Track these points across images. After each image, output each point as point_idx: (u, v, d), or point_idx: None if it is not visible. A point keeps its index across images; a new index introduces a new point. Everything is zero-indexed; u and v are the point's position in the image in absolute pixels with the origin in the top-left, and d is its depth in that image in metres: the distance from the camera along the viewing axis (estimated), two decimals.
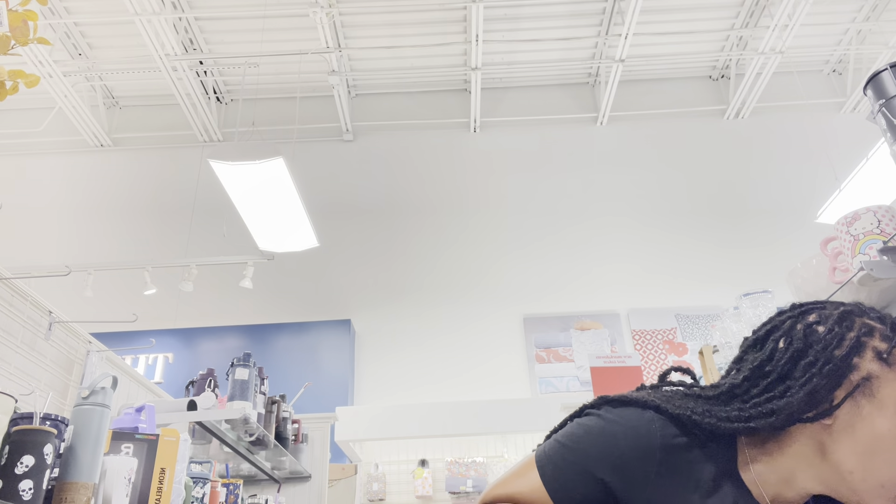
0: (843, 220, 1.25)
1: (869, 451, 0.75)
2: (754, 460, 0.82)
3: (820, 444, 0.79)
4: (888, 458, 0.75)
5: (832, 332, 0.79)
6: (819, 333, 0.80)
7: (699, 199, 6.11)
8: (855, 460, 0.76)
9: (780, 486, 0.81)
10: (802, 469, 0.80)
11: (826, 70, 6.66)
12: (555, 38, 6.02)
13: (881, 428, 0.75)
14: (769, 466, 0.81)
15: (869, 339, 0.79)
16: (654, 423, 0.82)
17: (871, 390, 0.77)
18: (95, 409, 1.40)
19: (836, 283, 1.25)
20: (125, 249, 5.90)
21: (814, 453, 0.79)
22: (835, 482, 0.78)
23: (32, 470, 1.18)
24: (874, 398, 0.76)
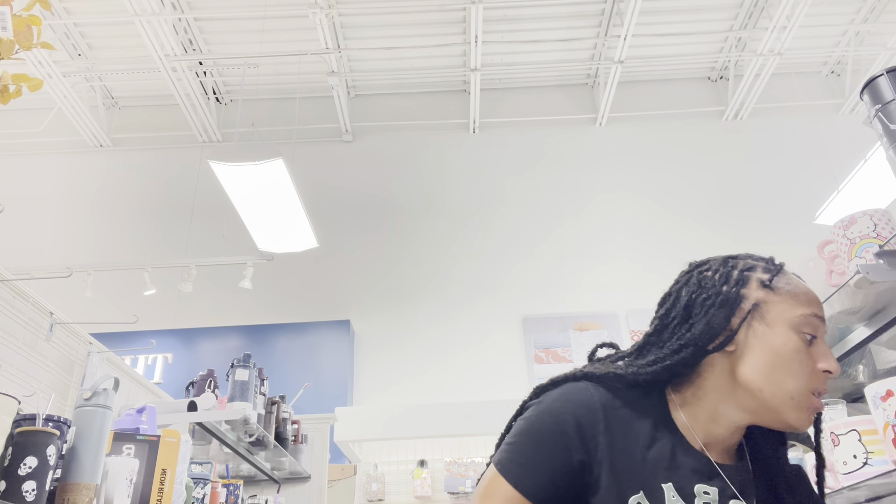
0: (839, 224, 1.26)
1: (770, 366, 0.86)
2: (682, 405, 0.91)
3: (730, 372, 0.88)
4: (788, 370, 0.85)
5: (719, 272, 0.92)
6: (709, 276, 0.93)
7: (698, 200, 6.12)
8: (761, 378, 0.86)
9: (709, 425, 0.89)
10: (723, 401, 0.89)
11: (824, 71, 6.67)
12: (554, 39, 6.03)
13: (775, 344, 0.86)
14: (695, 408, 0.90)
15: (752, 272, 0.92)
16: (589, 389, 0.89)
17: (761, 314, 0.88)
18: (97, 411, 1.41)
19: (832, 286, 1.26)
20: (125, 250, 5.91)
21: (727, 383, 0.88)
22: (752, 405, 0.87)
23: (36, 471, 1.18)
24: (765, 320, 0.88)
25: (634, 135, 6.45)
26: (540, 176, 6.26)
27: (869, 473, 1.20)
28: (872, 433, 1.21)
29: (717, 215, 6.04)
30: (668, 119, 6.50)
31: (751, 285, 0.91)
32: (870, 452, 1.21)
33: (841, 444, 1.25)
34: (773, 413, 0.86)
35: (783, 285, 0.90)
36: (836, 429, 1.26)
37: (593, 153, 6.40)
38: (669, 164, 6.29)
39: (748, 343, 0.88)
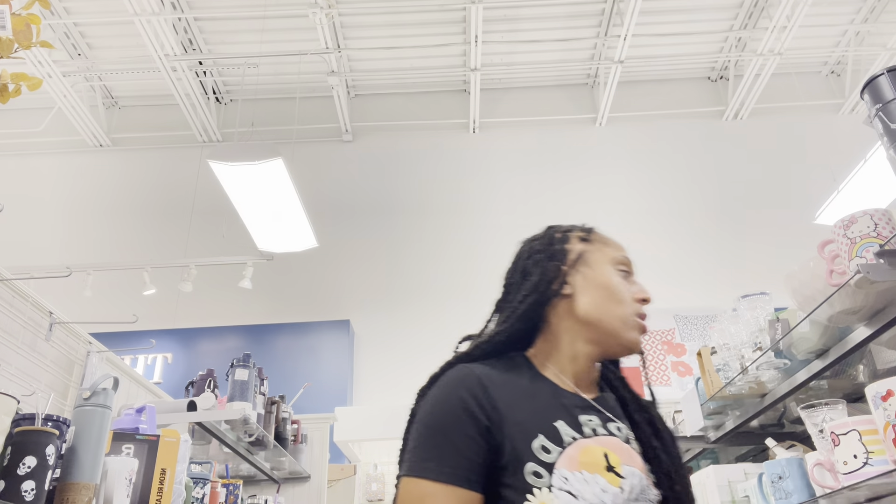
0: (839, 224, 1.26)
1: (601, 299, 1.02)
2: (545, 359, 1.04)
3: (572, 313, 1.03)
4: (615, 299, 1.02)
5: (545, 236, 1.13)
6: (538, 241, 1.13)
7: (698, 199, 6.12)
8: (596, 310, 1.02)
9: (570, 365, 1.02)
10: (574, 340, 1.03)
11: (824, 71, 6.67)
12: (554, 39, 6.03)
13: (602, 280, 1.04)
14: (555, 355, 1.03)
15: (571, 233, 1.12)
16: (464, 368, 0.98)
17: (585, 260, 1.07)
18: (97, 410, 1.40)
19: (833, 285, 1.26)
20: (124, 250, 5.90)
21: (573, 323, 1.03)
22: (595, 335, 1.02)
23: (35, 471, 1.18)
24: (589, 264, 1.06)
25: (634, 135, 6.45)
26: (540, 176, 6.26)
27: (869, 473, 1.20)
28: (873, 433, 1.21)
29: (717, 215, 6.03)
30: (668, 119, 6.50)
31: (572, 241, 1.10)
32: (870, 452, 1.21)
33: (841, 444, 1.25)
34: (612, 337, 1.01)
35: (596, 237, 1.12)
36: (837, 428, 1.26)
37: (593, 153, 6.39)
38: (669, 164, 6.29)
39: (580, 285, 1.04)
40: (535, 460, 0.89)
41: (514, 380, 0.98)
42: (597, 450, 0.92)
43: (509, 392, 0.95)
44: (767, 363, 1.62)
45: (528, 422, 0.92)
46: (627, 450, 0.95)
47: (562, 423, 0.93)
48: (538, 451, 0.90)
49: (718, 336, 1.85)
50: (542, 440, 0.91)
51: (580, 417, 0.95)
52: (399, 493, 0.92)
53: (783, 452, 1.64)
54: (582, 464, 0.89)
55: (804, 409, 1.41)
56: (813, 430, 1.39)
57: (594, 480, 0.88)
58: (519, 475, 0.88)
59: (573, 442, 0.92)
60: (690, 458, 2.48)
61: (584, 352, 1.03)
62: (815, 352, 1.51)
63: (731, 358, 1.80)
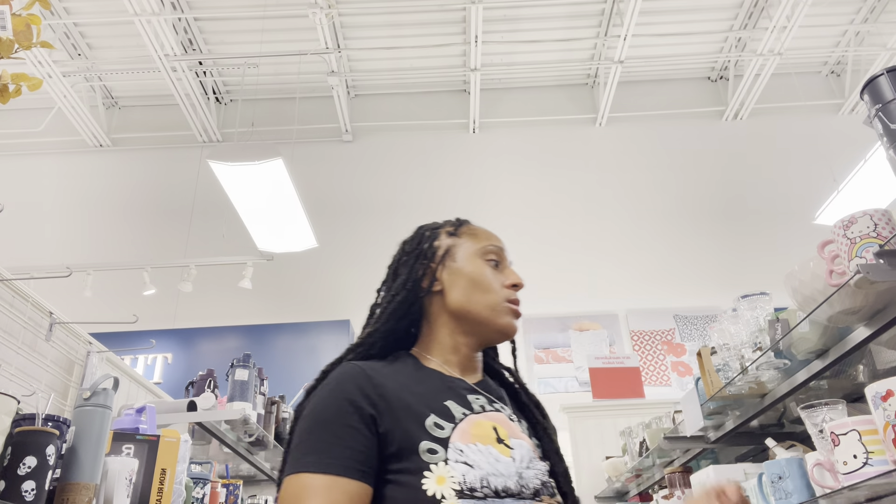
0: (839, 224, 1.26)
1: (469, 290, 1.06)
2: (428, 353, 1.07)
3: (445, 307, 1.07)
4: (482, 289, 1.06)
5: (414, 237, 1.15)
6: (409, 243, 1.15)
7: (698, 200, 6.12)
8: (466, 301, 1.06)
9: (452, 356, 1.06)
10: (451, 332, 1.07)
11: (824, 72, 6.67)
12: (554, 39, 6.03)
13: (468, 272, 1.07)
14: (437, 348, 1.06)
15: (440, 230, 1.14)
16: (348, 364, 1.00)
17: (452, 256, 1.10)
18: (97, 410, 1.41)
19: (832, 285, 1.26)
20: (124, 250, 5.90)
21: (448, 317, 1.07)
22: (469, 326, 1.06)
23: (35, 471, 1.18)
24: (456, 259, 1.09)
25: (634, 135, 6.45)
26: (539, 176, 6.26)
27: (869, 473, 1.20)
28: (873, 433, 1.21)
29: (717, 215, 6.04)
30: (667, 119, 6.50)
31: (441, 238, 1.13)
32: (870, 452, 1.21)
33: (841, 444, 1.25)
34: (486, 325, 1.05)
35: (464, 231, 1.14)
36: (837, 428, 1.26)
37: (593, 153, 6.39)
38: (669, 164, 6.29)
39: (449, 280, 1.08)
40: (429, 438, 0.90)
41: (401, 370, 1.01)
42: (486, 424, 0.95)
43: (396, 381, 0.97)
44: (767, 363, 1.62)
45: (417, 404, 0.94)
46: (513, 425, 0.99)
47: (451, 402, 0.96)
48: (431, 429, 0.91)
49: (718, 336, 1.85)
50: (434, 418, 0.92)
51: (468, 397, 0.99)
52: (280, 495, 0.89)
53: (783, 452, 1.64)
54: (474, 436, 0.92)
55: (804, 409, 1.41)
56: (813, 430, 1.39)
57: (487, 451, 0.91)
58: (413, 456, 0.88)
59: (464, 417, 0.95)
60: (690, 458, 2.48)
61: (463, 342, 1.06)
62: (815, 352, 1.51)
63: (731, 358, 1.80)
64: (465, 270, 1.08)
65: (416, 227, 1.19)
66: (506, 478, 0.90)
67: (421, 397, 0.95)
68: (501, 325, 1.06)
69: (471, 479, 0.87)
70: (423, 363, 1.05)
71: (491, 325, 1.06)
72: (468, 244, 1.11)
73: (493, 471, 0.89)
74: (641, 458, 2.81)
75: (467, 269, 1.08)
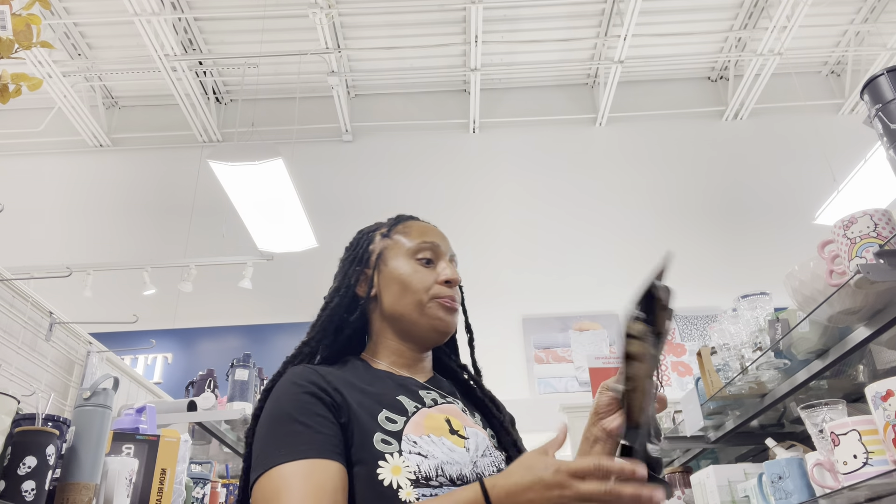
0: (839, 224, 1.26)
1: (399, 293, 1.05)
2: (375, 356, 1.07)
3: (382, 312, 1.07)
4: (410, 290, 1.04)
5: (352, 242, 1.14)
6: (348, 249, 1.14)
7: (698, 200, 6.12)
8: (397, 304, 1.05)
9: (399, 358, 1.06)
10: (392, 336, 1.07)
11: (824, 71, 6.67)
12: (554, 39, 6.03)
13: (397, 274, 1.06)
14: (382, 351, 1.07)
15: (376, 232, 1.13)
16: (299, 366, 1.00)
17: (384, 259, 1.09)
18: (97, 410, 1.41)
19: (833, 285, 1.26)
20: (124, 250, 5.90)
21: (384, 321, 1.07)
22: (404, 327, 1.06)
23: (35, 471, 1.18)
24: (388, 262, 1.08)
25: (634, 135, 6.45)
26: (540, 176, 6.26)
27: (869, 473, 1.20)
28: (873, 433, 1.21)
29: (717, 215, 6.04)
30: (667, 119, 6.50)
31: (375, 241, 1.12)
32: (870, 452, 1.21)
33: (841, 444, 1.25)
34: (419, 326, 1.04)
35: (398, 230, 1.12)
36: (837, 428, 1.26)
37: (593, 153, 6.39)
38: (669, 164, 6.29)
39: (382, 284, 1.08)
40: (382, 430, 0.91)
41: (350, 371, 1.02)
42: (439, 416, 0.96)
43: (346, 380, 0.97)
44: (767, 363, 1.62)
45: (369, 401, 0.94)
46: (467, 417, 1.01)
47: (403, 397, 0.97)
48: (384, 423, 0.92)
49: (718, 336, 1.85)
50: (386, 413, 0.93)
51: (420, 392, 1.00)
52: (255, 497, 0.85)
53: (783, 452, 1.64)
54: (427, 428, 0.93)
55: (804, 409, 1.41)
56: (813, 430, 1.39)
57: (441, 442, 0.92)
58: (368, 447, 0.89)
59: (416, 411, 0.96)
60: (690, 458, 2.48)
61: (405, 345, 1.07)
62: (815, 352, 1.51)
63: (731, 358, 1.80)
64: (394, 273, 1.07)
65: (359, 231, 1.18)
66: (461, 465, 0.91)
67: (372, 395, 0.96)
68: (431, 324, 1.04)
69: (426, 468, 0.88)
70: (372, 366, 1.05)
71: (421, 325, 1.04)
72: (400, 244, 1.09)
73: (447, 460, 0.90)
74: None
75: (396, 272, 1.07)
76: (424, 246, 1.09)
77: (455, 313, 1.07)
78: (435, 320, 1.04)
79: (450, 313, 1.06)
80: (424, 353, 1.10)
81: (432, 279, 1.06)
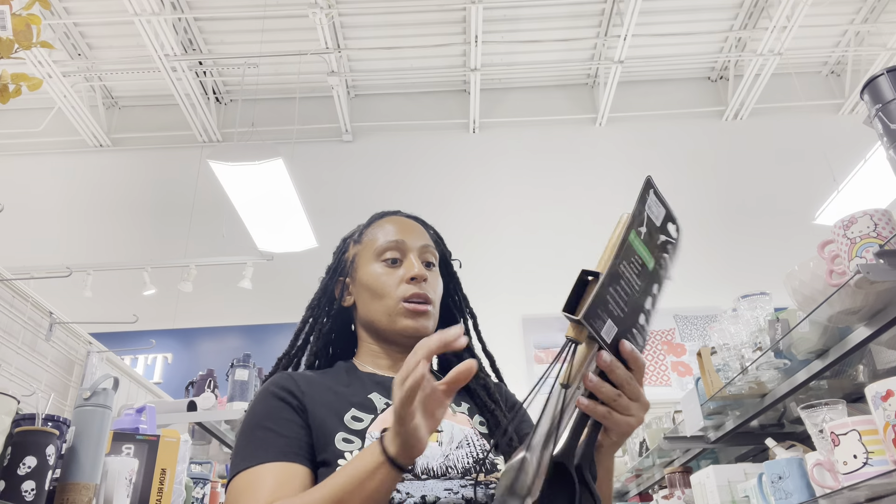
0: (839, 224, 1.26)
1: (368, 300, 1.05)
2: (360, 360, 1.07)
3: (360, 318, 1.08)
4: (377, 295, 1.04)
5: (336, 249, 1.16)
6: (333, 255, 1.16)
7: (697, 200, 6.11)
8: (368, 311, 1.05)
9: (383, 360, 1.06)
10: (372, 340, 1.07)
11: (824, 72, 6.67)
12: (554, 39, 6.03)
13: (364, 280, 1.06)
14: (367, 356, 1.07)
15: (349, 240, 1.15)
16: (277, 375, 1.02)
17: (356, 266, 1.09)
18: (97, 410, 1.40)
19: (833, 285, 1.26)
20: (124, 250, 5.90)
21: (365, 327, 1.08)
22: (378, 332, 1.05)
23: (35, 471, 1.18)
24: (358, 268, 1.09)
25: (634, 135, 6.45)
26: (540, 176, 6.26)
27: (869, 473, 1.20)
28: (873, 433, 1.21)
29: (717, 215, 6.03)
30: (667, 119, 6.49)
31: (350, 248, 1.13)
32: (870, 452, 1.21)
33: (841, 444, 1.25)
34: (388, 332, 1.04)
35: (367, 234, 1.11)
36: (837, 428, 1.26)
37: (593, 153, 6.39)
38: (669, 165, 6.29)
39: (356, 292, 1.09)
40: (346, 430, 0.92)
41: (331, 374, 1.03)
42: None
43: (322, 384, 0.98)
44: (767, 363, 1.62)
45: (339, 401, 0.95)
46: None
47: (375, 395, 0.98)
48: (349, 422, 0.93)
49: (718, 336, 1.85)
50: (354, 412, 0.94)
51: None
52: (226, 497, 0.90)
53: (783, 452, 1.64)
54: None
55: (804, 409, 1.41)
56: (813, 430, 1.39)
57: None
58: (330, 447, 0.90)
59: (386, 408, 0.95)
60: (690, 458, 2.48)
61: (384, 347, 1.07)
62: (815, 352, 1.51)
63: (731, 358, 1.80)
64: (363, 280, 1.07)
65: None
66: (428, 458, 0.90)
67: (343, 395, 0.97)
68: (400, 330, 1.02)
69: None
70: (359, 369, 1.06)
71: (392, 331, 1.03)
72: (368, 248, 1.09)
73: None
74: (641, 458, 2.81)
75: (364, 279, 1.06)
76: (389, 246, 1.07)
77: (424, 315, 1.03)
78: (402, 328, 1.02)
79: (417, 318, 1.02)
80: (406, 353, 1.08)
81: (398, 280, 1.04)
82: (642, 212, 0.81)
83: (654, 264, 0.78)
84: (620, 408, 0.75)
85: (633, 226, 0.79)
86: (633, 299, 0.75)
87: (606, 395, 0.74)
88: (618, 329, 0.73)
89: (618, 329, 0.73)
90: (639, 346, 0.76)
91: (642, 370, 0.76)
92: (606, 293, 0.74)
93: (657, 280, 0.78)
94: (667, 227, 0.84)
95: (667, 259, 0.81)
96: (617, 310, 0.74)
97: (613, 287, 0.74)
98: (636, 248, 0.78)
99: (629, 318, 0.75)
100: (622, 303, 0.74)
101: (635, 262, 0.77)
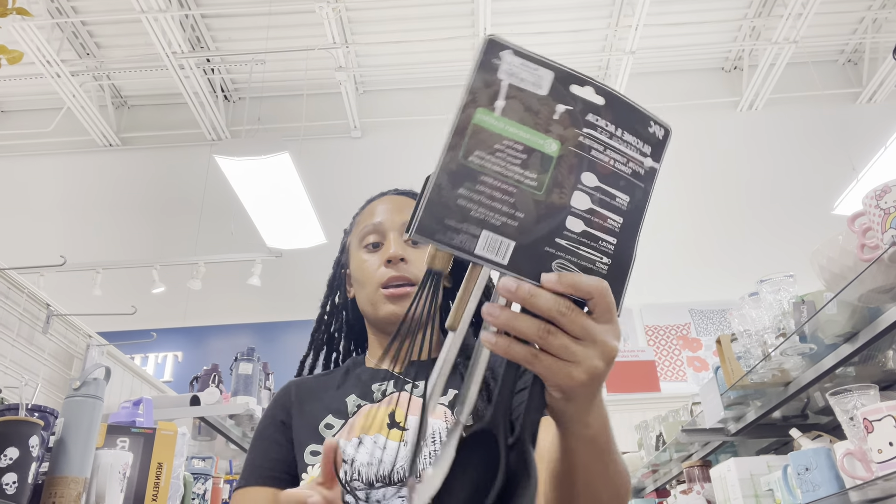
0: (871, 195, 1.18)
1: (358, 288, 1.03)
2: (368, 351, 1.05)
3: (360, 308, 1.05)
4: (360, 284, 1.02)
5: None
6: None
7: (713, 192, 6.01)
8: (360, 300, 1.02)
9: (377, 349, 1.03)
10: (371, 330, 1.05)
11: (841, 60, 6.54)
12: (564, 30, 5.94)
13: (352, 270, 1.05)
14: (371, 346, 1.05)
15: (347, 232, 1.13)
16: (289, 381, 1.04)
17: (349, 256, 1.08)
18: (87, 401, 1.35)
19: (865, 260, 1.18)
20: (134, 248, 5.89)
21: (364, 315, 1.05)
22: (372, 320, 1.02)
23: (17, 463, 1.13)
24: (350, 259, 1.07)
25: None
26: None
27: None
28: None
29: (733, 207, 5.92)
30: (681, 111, 6.38)
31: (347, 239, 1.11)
32: None
33: (875, 431, 1.16)
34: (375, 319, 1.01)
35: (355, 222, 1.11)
36: (870, 414, 1.18)
37: None
38: (683, 157, 6.17)
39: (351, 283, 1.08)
40: (316, 440, 0.91)
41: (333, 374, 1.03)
42: (381, 410, 0.93)
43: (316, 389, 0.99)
44: (792, 349, 1.53)
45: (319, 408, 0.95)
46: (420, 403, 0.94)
47: (352, 397, 0.96)
48: (322, 431, 0.92)
49: (739, 322, 1.76)
50: (328, 419, 0.93)
51: (372, 386, 0.96)
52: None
53: (809, 443, 1.56)
54: (362, 428, 0.91)
55: (833, 395, 1.33)
56: (843, 416, 1.30)
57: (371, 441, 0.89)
58: (301, 461, 0.91)
59: (357, 410, 0.94)
60: (709, 451, 2.39)
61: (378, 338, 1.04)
62: (844, 335, 1.42)
63: (753, 345, 1.71)
64: (352, 270, 1.06)
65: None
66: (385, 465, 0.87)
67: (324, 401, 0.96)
68: (383, 318, 0.99)
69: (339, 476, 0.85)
70: (362, 364, 1.04)
71: (377, 319, 1.00)
72: (354, 235, 1.07)
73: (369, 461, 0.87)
74: (658, 453, 2.73)
75: (352, 268, 1.05)
76: (367, 230, 1.04)
77: (406, 297, 0.97)
78: (383, 317, 0.99)
79: (398, 301, 0.97)
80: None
81: (377, 265, 1.00)
82: (492, 83, 0.58)
83: (562, 146, 0.58)
84: (554, 349, 0.53)
85: (477, 103, 0.59)
86: (534, 198, 0.55)
87: (524, 330, 0.53)
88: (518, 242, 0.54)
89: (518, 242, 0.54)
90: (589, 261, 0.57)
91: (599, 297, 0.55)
92: (456, 196, 0.55)
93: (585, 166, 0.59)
94: (569, 91, 0.60)
95: (596, 135, 0.60)
96: (498, 216, 0.54)
97: (468, 187, 0.55)
98: (497, 130, 0.58)
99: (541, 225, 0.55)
100: (505, 206, 0.55)
101: (508, 149, 0.57)
